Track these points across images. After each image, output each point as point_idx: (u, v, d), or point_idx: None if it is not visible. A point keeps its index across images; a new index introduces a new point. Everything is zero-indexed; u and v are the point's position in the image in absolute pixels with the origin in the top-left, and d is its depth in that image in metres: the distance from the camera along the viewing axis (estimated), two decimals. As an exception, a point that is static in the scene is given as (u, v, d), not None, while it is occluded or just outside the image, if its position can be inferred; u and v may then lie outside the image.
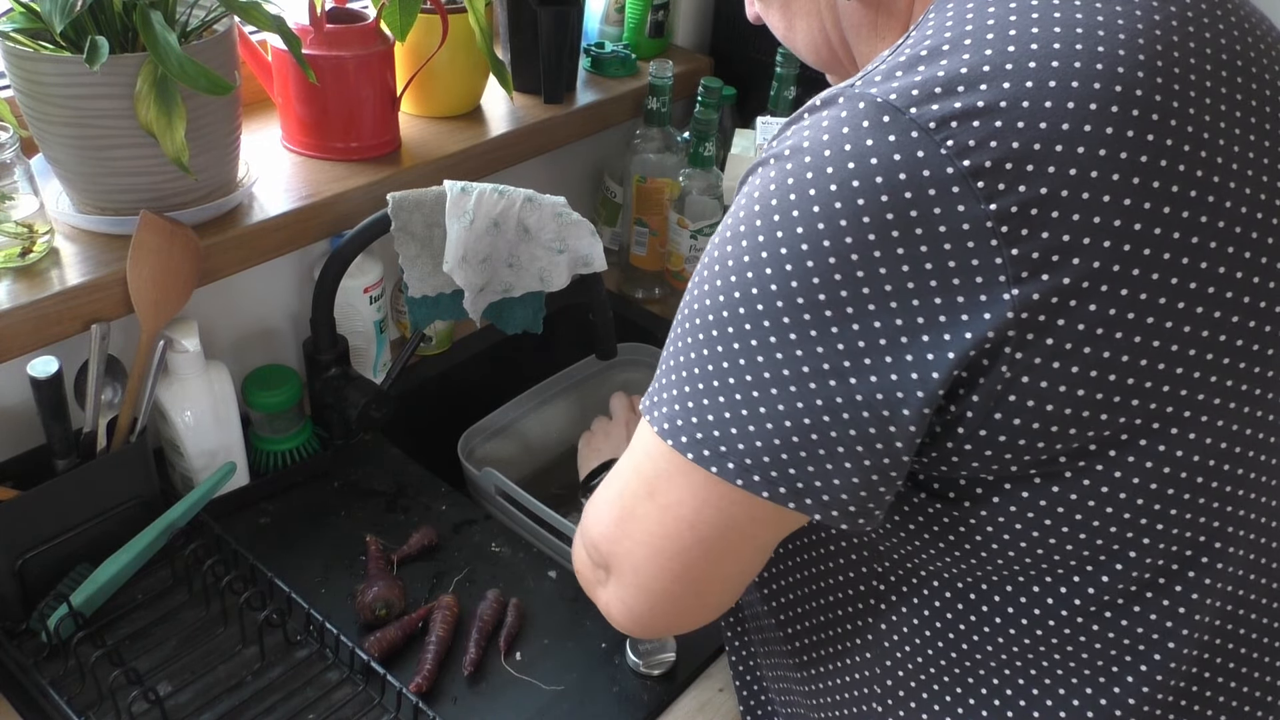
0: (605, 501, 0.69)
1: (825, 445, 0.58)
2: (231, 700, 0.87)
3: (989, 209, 0.53)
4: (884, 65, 0.57)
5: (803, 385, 0.57)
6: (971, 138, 0.53)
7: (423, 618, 0.94)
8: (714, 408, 0.60)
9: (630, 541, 0.66)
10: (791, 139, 0.59)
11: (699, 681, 0.93)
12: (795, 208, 0.56)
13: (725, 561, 0.65)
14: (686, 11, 1.56)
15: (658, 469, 0.64)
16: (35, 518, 0.90)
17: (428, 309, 1.08)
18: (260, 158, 1.12)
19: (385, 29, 1.13)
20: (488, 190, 1.01)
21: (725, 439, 0.60)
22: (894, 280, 0.54)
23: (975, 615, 0.67)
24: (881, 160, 0.54)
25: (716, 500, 0.62)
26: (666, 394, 0.63)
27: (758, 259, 0.58)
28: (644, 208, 1.42)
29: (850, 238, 0.54)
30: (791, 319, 0.57)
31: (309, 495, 1.09)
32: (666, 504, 0.64)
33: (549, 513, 1.05)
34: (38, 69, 0.89)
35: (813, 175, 0.56)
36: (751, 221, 0.58)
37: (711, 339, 0.60)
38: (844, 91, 0.58)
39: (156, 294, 0.96)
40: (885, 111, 0.54)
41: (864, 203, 0.54)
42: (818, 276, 0.56)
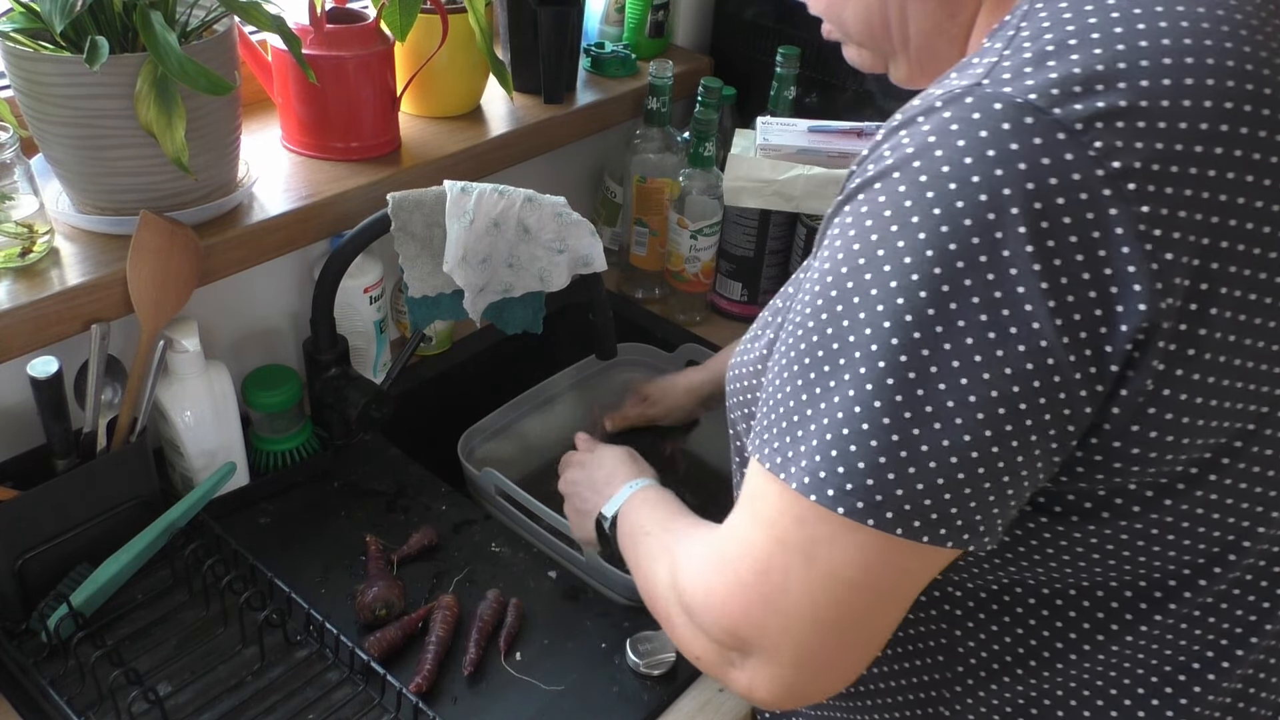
0: (736, 582, 0.62)
1: (990, 474, 0.55)
2: (231, 700, 0.87)
3: (1140, 211, 0.52)
4: (1008, 62, 0.55)
5: (967, 411, 0.54)
6: (1118, 139, 0.52)
7: (423, 618, 0.94)
8: (865, 449, 0.55)
9: (783, 617, 0.61)
10: (914, 144, 0.55)
11: (699, 681, 0.93)
12: (940, 216, 0.53)
13: (893, 611, 0.62)
14: (686, 11, 1.56)
15: (809, 534, 0.58)
16: (35, 518, 0.90)
17: (428, 309, 1.08)
18: (260, 158, 1.11)
19: (385, 29, 1.13)
20: (488, 190, 1.01)
21: (882, 486, 0.55)
22: (1051, 283, 0.52)
23: (1049, 633, 0.67)
24: (1030, 163, 0.52)
25: (887, 555, 0.58)
26: (804, 446, 0.58)
27: (904, 278, 0.54)
28: (644, 208, 1.42)
29: (1006, 248, 0.52)
30: (949, 333, 0.53)
31: (309, 495, 1.09)
32: (828, 570, 0.59)
33: (549, 513, 1.05)
34: (38, 69, 0.89)
35: (955, 181, 0.53)
36: (889, 239, 0.55)
37: (858, 376, 0.55)
38: (971, 91, 0.55)
39: (156, 294, 0.96)
40: (1027, 112, 0.52)
41: (1017, 210, 0.52)
42: (975, 288, 0.53)
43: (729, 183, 1.27)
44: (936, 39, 0.66)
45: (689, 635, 0.68)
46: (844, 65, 0.78)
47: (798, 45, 1.34)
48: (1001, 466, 0.55)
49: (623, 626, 0.96)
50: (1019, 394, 0.54)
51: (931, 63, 0.67)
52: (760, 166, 1.25)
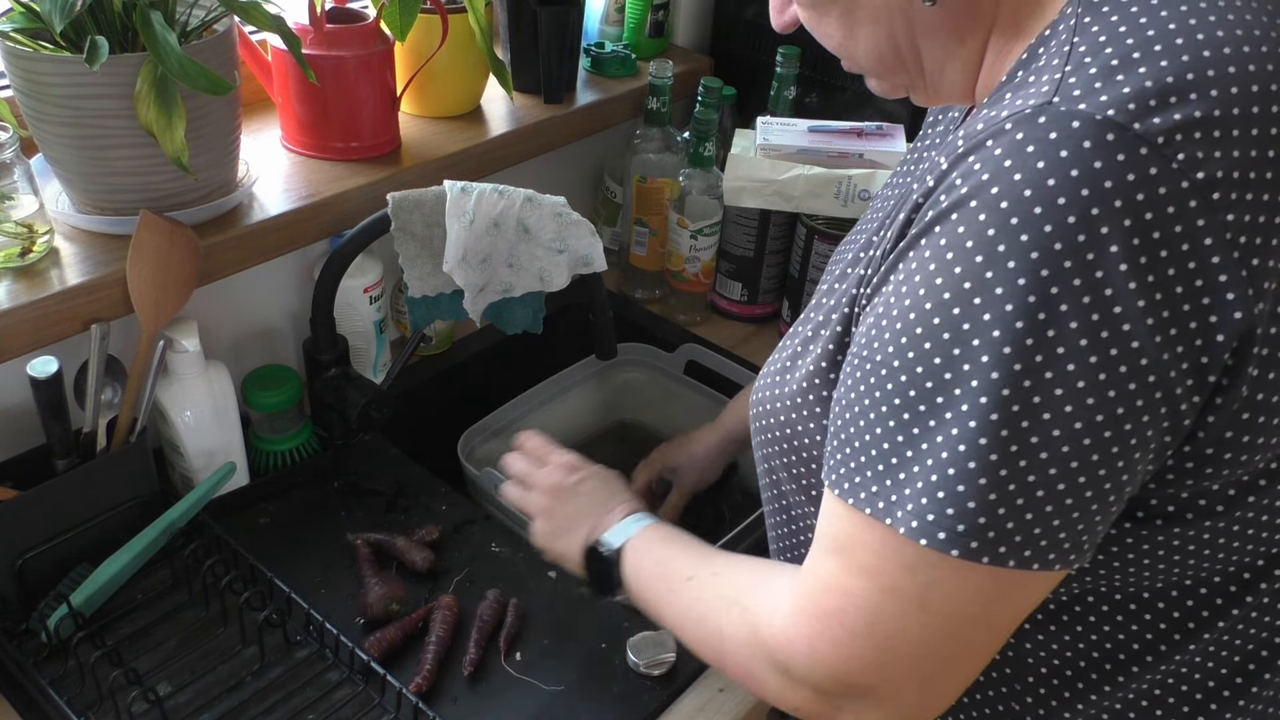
0: (846, 634, 0.60)
1: (1098, 498, 0.55)
2: (231, 700, 0.86)
3: (1227, 220, 0.52)
4: (1074, 78, 0.54)
5: (1075, 441, 0.54)
6: (1199, 150, 0.52)
7: (423, 618, 0.94)
8: (973, 486, 0.54)
9: (904, 661, 0.60)
10: (989, 170, 0.54)
11: (699, 681, 0.93)
12: (1027, 243, 0.52)
13: (1006, 636, 0.62)
14: (686, 11, 1.56)
15: (920, 580, 0.57)
16: (35, 518, 0.90)
17: (428, 309, 1.08)
18: (260, 158, 1.11)
19: (385, 29, 1.13)
20: (488, 190, 1.01)
21: (994, 523, 0.55)
22: (1147, 299, 0.52)
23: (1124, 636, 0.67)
24: (1116, 181, 0.51)
25: (1002, 589, 0.58)
26: (908, 489, 0.56)
27: (997, 308, 0.53)
28: (644, 208, 1.42)
29: (1099, 270, 0.52)
30: (1049, 359, 0.53)
31: (309, 495, 1.09)
32: (944, 611, 0.58)
33: (549, 513, 1.04)
34: (37, 69, 0.89)
35: (1040, 205, 0.52)
36: (972, 269, 0.54)
37: (961, 415, 0.54)
38: (1044, 111, 0.54)
39: (156, 294, 0.96)
40: (1108, 129, 0.52)
41: (1107, 229, 0.51)
42: (1071, 311, 0.52)
43: (729, 183, 1.27)
44: (948, 66, 0.66)
45: (785, 689, 0.66)
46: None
47: (798, 45, 1.34)
48: (1108, 488, 0.55)
49: (623, 626, 0.96)
50: (1124, 416, 0.54)
51: (949, 88, 0.67)
52: (760, 166, 1.25)
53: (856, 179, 1.24)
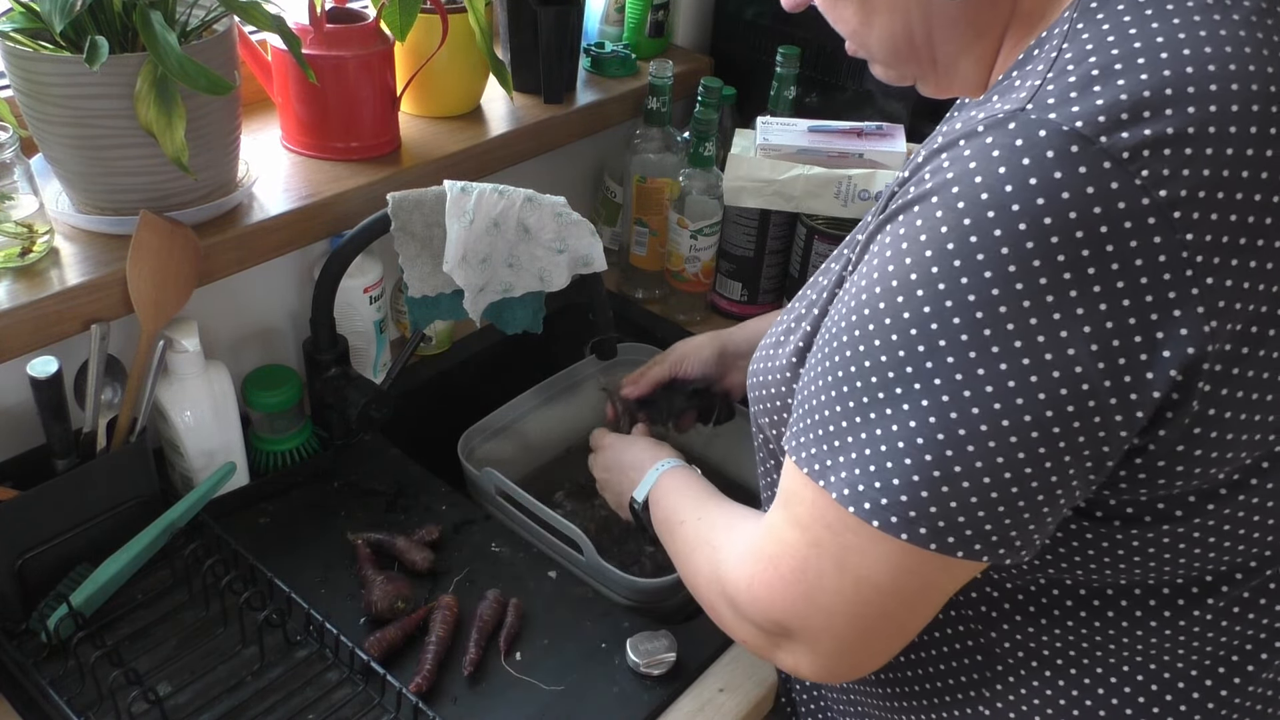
0: (777, 577, 0.65)
1: (1025, 493, 0.56)
2: (231, 700, 0.86)
3: (1185, 239, 0.52)
4: (1052, 86, 0.54)
5: (1002, 435, 0.55)
6: (1165, 167, 0.51)
7: (423, 618, 0.94)
8: (901, 469, 0.57)
9: (821, 612, 0.64)
10: (954, 170, 0.55)
11: (699, 681, 0.93)
12: (976, 245, 0.53)
13: (926, 610, 0.65)
14: (686, 11, 1.56)
15: (841, 541, 0.61)
16: (35, 518, 0.90)
17: (428, 309, 1.08)
18: (260, 158, 1.11)
19: (385, 29, 1.13)
20: (488, 190, 1.01)
21: (917, 504, 0.57)
22: (1091, 319, 0.52)
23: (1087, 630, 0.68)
24: (1074, 194, 0.51)
25: (914, 566, 0.60)
26: (843, 457, 0.59)
27: (938, 301, 0.55)
28: (644, 208, 1.42)
29: (1044, 276, 0.52)
30: (985, 364, 0.54)
31: (309, 495, 1.09)
32: (859, 575, 0.61)
33: (549, 513, 1.05)
34: (38, 69, 0.89)
35: (994, 209, 0.53)
36: (924, 263, 0.55)
37: (893, 395, 0.57)
38: (1015, 117, 0.54)
39: (156, 294, 0.96)
40: (1073, 141, 0.52)
41: (1058, 239, 0.52)
42: (1010, 319, 0.53)
43: (729, 183, 1.27)
44: (962, 59, 0.66)
45: (734, 622, 0.72)
46: (844, 65, 0.78)
47: (798, 45, 1.34)
48: (1035, 487, 0.56)
49: (623, 626, 0.96)
50: (1053, 420, 0.54)
51: (959, 81, 0.68)
52: (760, 166, 1.25)
53: (856, 179, 1.24)
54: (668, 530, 0.87)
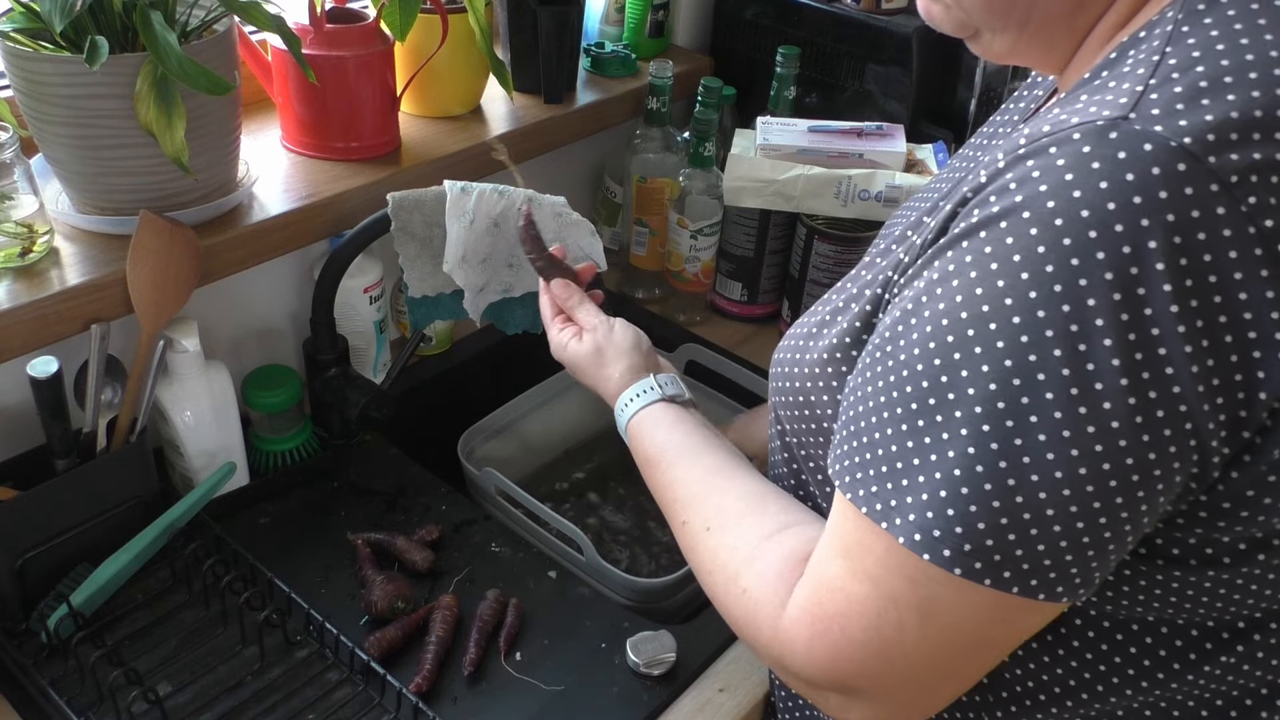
0: (845, 640, 0.59)
1: (1112, 528, 0.53)
2: (231, 700, 0.86)
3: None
4: (1155, 94, 0.51)
5: (1095, 468, 0.51)
6: (1273, 195, 0.49)
7: (423, 618, 0.94)
8: (985, 511, 0.53)
9: (900, 668, 0.59)
10: (1046, 180, 0.51)
11: (699, 681, 0.93)
12: (1075, 264, 0.50)
13: (1005, 649, 0.62)
14: (686, 11, 1.56)
15: (922, 593, 0.56)
16: (35, 518, 0.90)
17: (428, 309, 1.08)
18: (260, 158, 1.11)
19: (385, 29, 1.13)
20: (488, 190, 1.01)
21: (1001, 546, 0.53)
22: (1193, 340, 0.50)
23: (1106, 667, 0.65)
24: (1179, 216, 0.48)
25: (1003, 612, 0.56)
26: (911, 497, 0.55)
27: (1031, 324, 0.51)
28: (644, 208, 1.42)
29: (1150, 307, 0.49)
30: (1081, 387, 0.51)
31: (309, 495, 1.09)
32: (944, 625, 0.57)
33: (549, 513, 1.05)
34: (38, 69, 0.89)
35: (1095, 229, 0.49)
36: (1014, 279, 0.51)
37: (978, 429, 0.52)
38: (1117, 126, 0.50)
39: (156, 294, 0.96)
40: (1180, 158, 0.49)
41: (1162, 266, 0.49)
42: (1114, 344, 0.50)
43: (729, 183, 1.27)
44: (1057, 27, 0.61)
45: (776, 669, 0.66)
46: (844, 65, 0.76)
47: (798, 45, 1.34)
48: (1126, 527, 0.53)
49: (623, 626, 0.96)
50: (1154, 457, 0.51)
51: (1040, 49, 0.63)
52: (760, 166, 1.25)
53: (856, 179, 1.24)
54: (665, 510, 0.79)
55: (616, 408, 0.85)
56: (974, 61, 1.32)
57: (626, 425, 0.84)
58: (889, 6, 1.36)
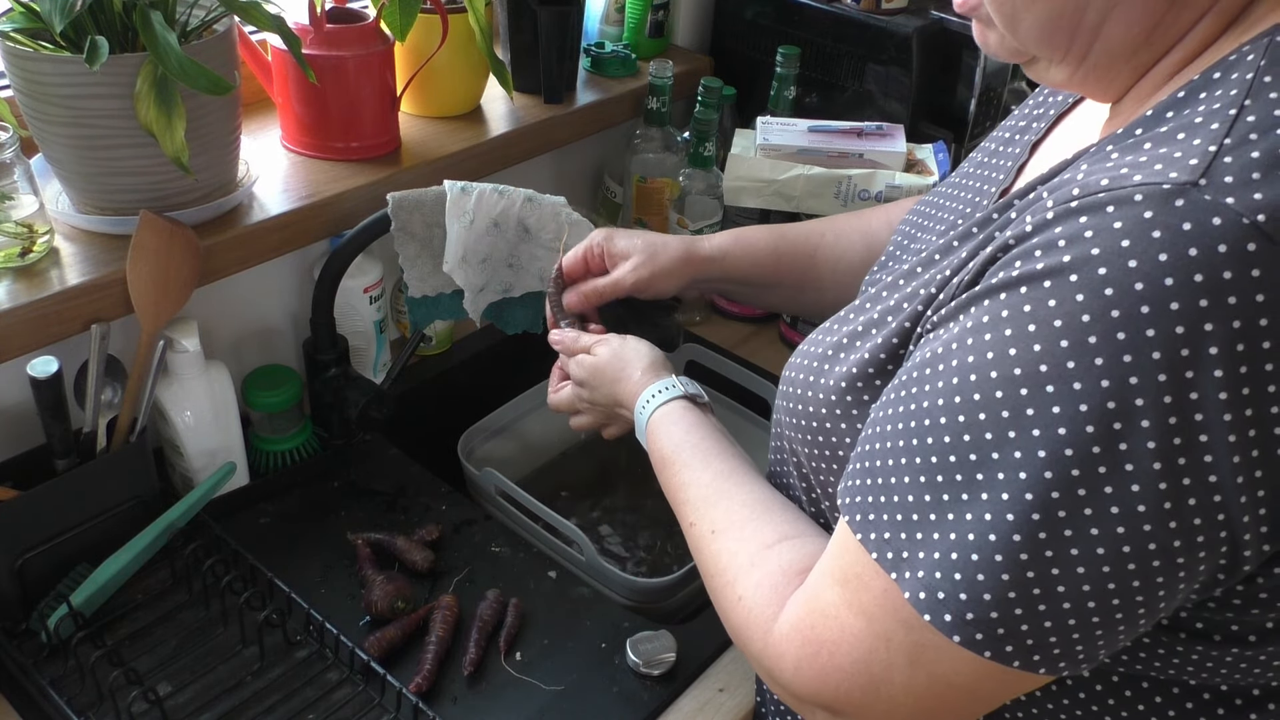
0: (833, 667, 0.59)
1: (1125, 613, 0.51)
2: (231, 700, 0.86)
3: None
4: (1229, 158, 0.47)
5: (1118, 557, 0.49)
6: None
7: (423, 618, 0.94)
8: (995, 586, 0.51)
9: (885, 704, 0.58)
10: (1096, 241, 0.48)
11: (699, 681, 0.93)
12: (1122, 340, 0.47)
13: (995, 704, 0.60)
14: (686, 11, 1.56)
15: (916, 640, 0.55)
16: (35, 518, 0.90)
17: (428, 309, 1.08)
18: (260, 158, 1.11)
19: (385, 29, 1.13)
20: (488, 190, 1.01)
21: (1006, 623, 0.51)
22: (1241, 436, 0.47)
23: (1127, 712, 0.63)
24: (1243, 299, 0.45)
25: (999, 679, 0.55)
26: (923, 553, 0.53)
27: (1068, 402, 0.48)
28: (644, 208, 1.42)
29: (1197, 392, 0.46)
30: (1109, 466, 0.48)
31: (309, 495, 1.09)
32: (932, 674, 0.55)
33: (549, 513, 1.05)
34: (38, 69, 0.89)
35: (1148, 303, 0.46)
36: (1054, 350, 0.49)
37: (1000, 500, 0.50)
38: (1185, 193, 0.46)
39: (156, 294, 0.96)
40: (1253, 238, 0.45)
41: (1216, 351, 0.46)
42: (1152, 425, 0.47)
43: (729, 183, 1.27)
44: (1120, 62, 0.58)
45: (768, 680, 0.66)
46: (844, 65, 0.75)
47: (798, 45, 1.34)
48: (1141, 612, 0.51)
49: (623, 626, 0.96)
50: (1179, 546, 0.49)
51: (1099, 81, 0.60)
52: (760, 166, 1.25)
53: (856, 179, 1.24)
54: (676, 510, 0.79)
55: (637, 407, 0.85)
56: (974, 61, 1.33)
57: (647, 422, 0.83)
58: (889, 6, 1.36)
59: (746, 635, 0.66)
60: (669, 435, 0.81)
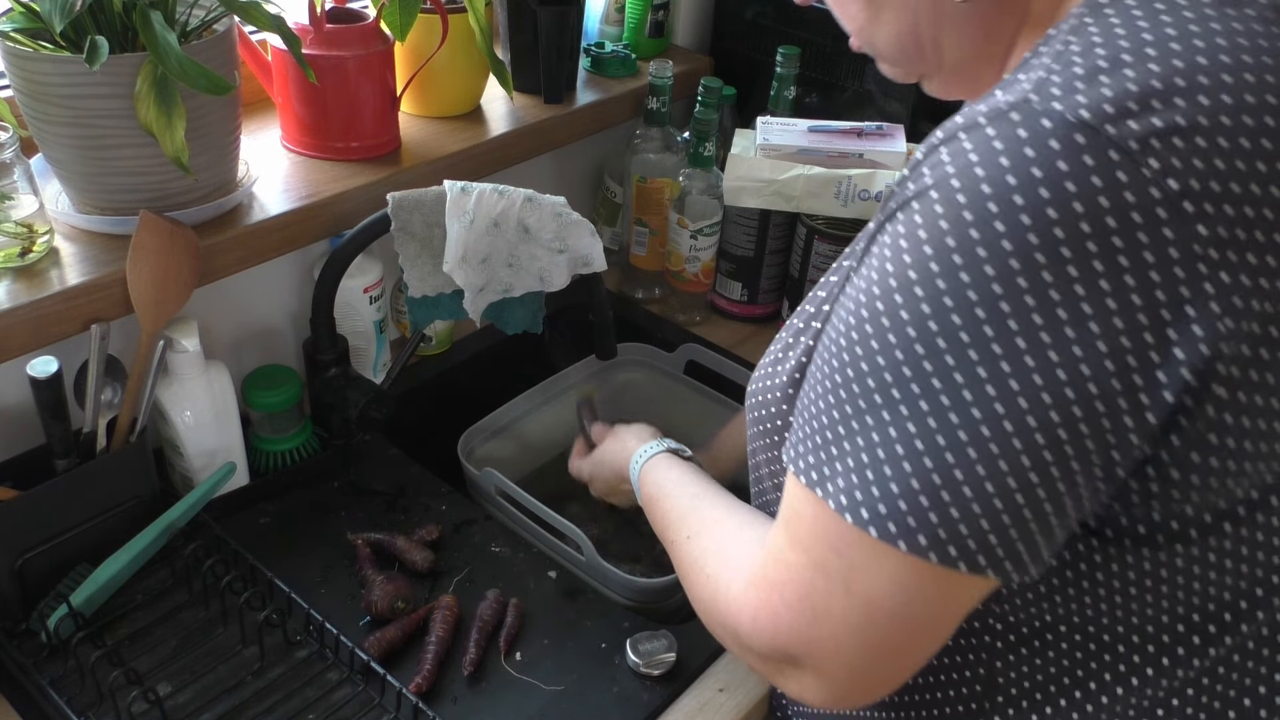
0: (782, 605, 0.62)
1: (1030, 503, 0.54)
2: (231, 700, 0.86)
3: (1197, 231, 0.50)
4: (1057, 77, 0.53)
5: (1005, 442, 0.53)
6: (1175, 157, 0.50)
7: (423, 618, 0.94)
8: (901, 476, 0.55)
9: (831, 639, 0.61)
10: (953, 164, 0.54)
11: (699, 681, 0.93)
12: (978, 240, 0.52)
13: (935, 637, 0.62)
14: (686, 11, 1.56)
15: (846, 561, 0.58)
16: (35, 518, 0.90)
17: (428, 309, 1.08)
18: (260, 158, 1.11)
19: (385, 29, 1.13)
20: (488, 190, 1.01)
21: (916, 512, 0.55)
22: (1099, 316, 0.51)
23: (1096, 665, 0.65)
24: (1079, 184, 0.50)
25: (923, 584, 0.57)
26: (840, 464, 0.58)
27: (938, 302, 0.53)
28: (644, 208, 1.42)
29: (1048, 272, 0.50)
30: (987, 366, 0.52)
31: (309, 495, 1.09)
32: (867, 598, 0.58)
33: (549, 513, 1.05)
34: (38, 69, 0.89)
35: (996, 203, 0.51)
36: (923, 262, 0.54)
37: (890, 399, 0.55)
38: (1018, 107, 0.52)
39: (156, 294, 0.96)
40: (1079, 130, 0.50)
41: (1063, 233, 0.50)
42: (1014, 317, 0.51)
43: (729, 183, 1.27)
44: (973, 62, 0.64)
45: (738, 651, 0.70)
46: (844, 65, 0.77)
47: (798, 45, 1.34)
48: (1041, 496, 0.54)
49: (623, 626, 0.96)
50: (1060, 425, 0.52)
51: (968, 83, 0.67)
52: (760, 166, 1.25)
53: (856, 179, 1.24)
54: (662, 540, 0.85)
55: (630, 467, 0.95)
56: (974, 61, 1.33)
57: (638, 476, 0.93)
58: (889, 6, 1.36)
59: (714, 606, 0.70)
60: (652, 479, 0.91)
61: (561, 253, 1.05)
